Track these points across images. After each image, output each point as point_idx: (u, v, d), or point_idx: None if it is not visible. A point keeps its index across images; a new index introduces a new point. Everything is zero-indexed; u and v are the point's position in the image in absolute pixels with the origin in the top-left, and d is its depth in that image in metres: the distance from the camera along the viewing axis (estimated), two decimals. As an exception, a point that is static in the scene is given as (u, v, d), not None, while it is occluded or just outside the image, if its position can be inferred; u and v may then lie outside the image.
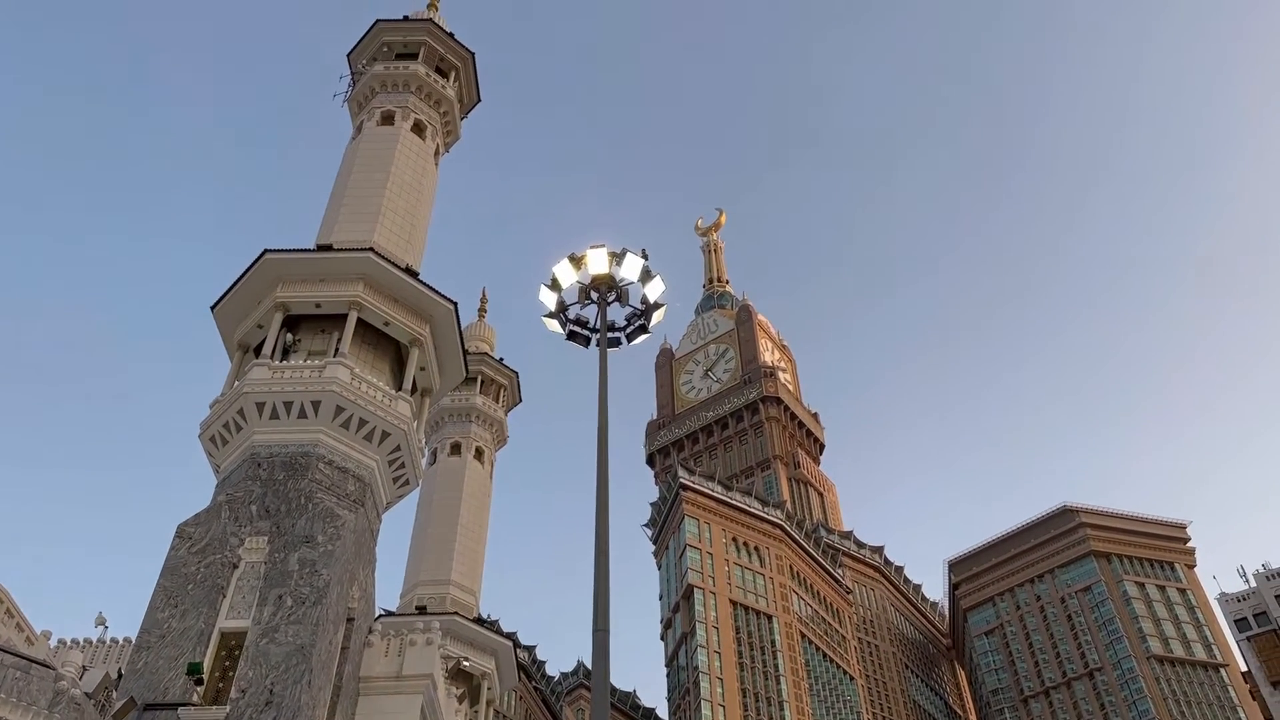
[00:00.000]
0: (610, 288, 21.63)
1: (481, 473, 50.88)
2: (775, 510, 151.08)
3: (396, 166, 38.23)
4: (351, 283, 32.64)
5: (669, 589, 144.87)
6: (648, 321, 21.85)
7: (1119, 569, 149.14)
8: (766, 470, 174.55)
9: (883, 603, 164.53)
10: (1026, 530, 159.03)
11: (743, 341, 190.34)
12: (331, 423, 29.86)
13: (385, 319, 33.06)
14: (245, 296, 33.16)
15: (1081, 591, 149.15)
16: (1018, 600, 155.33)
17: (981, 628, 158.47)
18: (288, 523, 27.53)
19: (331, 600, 26.26)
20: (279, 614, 25.36)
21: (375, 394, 30.92)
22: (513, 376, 55.12)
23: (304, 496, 28.14)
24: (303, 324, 33.03)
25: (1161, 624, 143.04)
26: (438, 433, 51.66)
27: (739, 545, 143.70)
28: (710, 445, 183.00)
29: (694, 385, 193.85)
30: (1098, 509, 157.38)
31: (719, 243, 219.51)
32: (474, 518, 48.57)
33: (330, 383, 30.01)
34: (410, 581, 46.27)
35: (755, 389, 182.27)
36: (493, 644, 42.81)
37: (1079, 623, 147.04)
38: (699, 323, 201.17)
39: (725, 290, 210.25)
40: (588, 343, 21.49)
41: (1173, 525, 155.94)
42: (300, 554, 26.74)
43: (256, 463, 29.09)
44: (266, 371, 30.56)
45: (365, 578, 29.97)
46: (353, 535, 28.38)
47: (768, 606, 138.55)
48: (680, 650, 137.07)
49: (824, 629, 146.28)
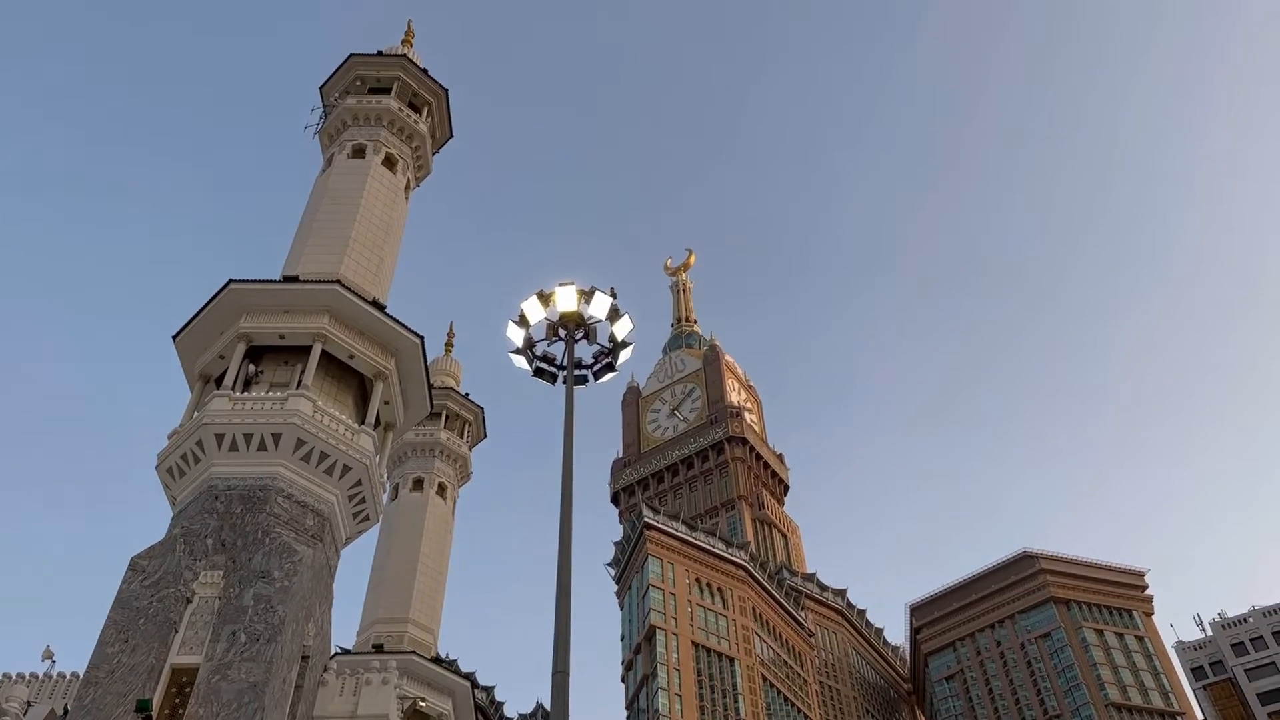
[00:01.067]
0: (578, 325, 21.67)
1: (443, 509, 50.34)
2: (739, 551, 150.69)
3: (366, 199, 38.16)
4: (317, 315, 32.39)
5: (630, 630, 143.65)
6: (615, 360, 21.89)
7: (1078, 615, 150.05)
8: (731, 511, 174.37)
9: (844, 646, 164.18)
10: (987, 575, 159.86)
11: (709, 381, 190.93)
12: (292, 456, 29.46)
13: (350, 352, 32.80)
14: (208, 326, 32.78)
15: (1041, 638, 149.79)
16: (978, 645, 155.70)
17: (942, 672, 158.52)
18: (244, 557, 27.03)
19: (286, 638, 25.75)
20: (232, 651, 24.82)
21: (337, 427, 30.59)
22: (478, 412, 54.78)
23: (261, 531, 27.68)
24: (266, 355, 32.68)
25: (1119, 671, 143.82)
26: (400, 467, 51.12)
27: (702, 586, 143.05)
28: (675, 484, 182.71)
29: (660, 424, 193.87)
30: (1057, 555, 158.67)
31: (688, 283, 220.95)
32: (435, 555, 47.96)
33: (292, 415, 29.65)
34: (368, 619, 45.49)
35: (721, 429, 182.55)
36: (450, 684, 42.07)
37: (1038, 669, 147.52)
38: (666, 362, 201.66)
39: (693, 330, 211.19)
40: (554, 380, 21.47)
41: (1131, 573, 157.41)
42: (256, 589, 26.24)
43: (214, 495, 28.61)
44: (227, 403, 30.15)
45: (322, 615, 29.44)
46: (310, 571, 27.91)
47: (730, 649, 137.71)
48: (641, 692, 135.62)
49: (785, 672, 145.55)
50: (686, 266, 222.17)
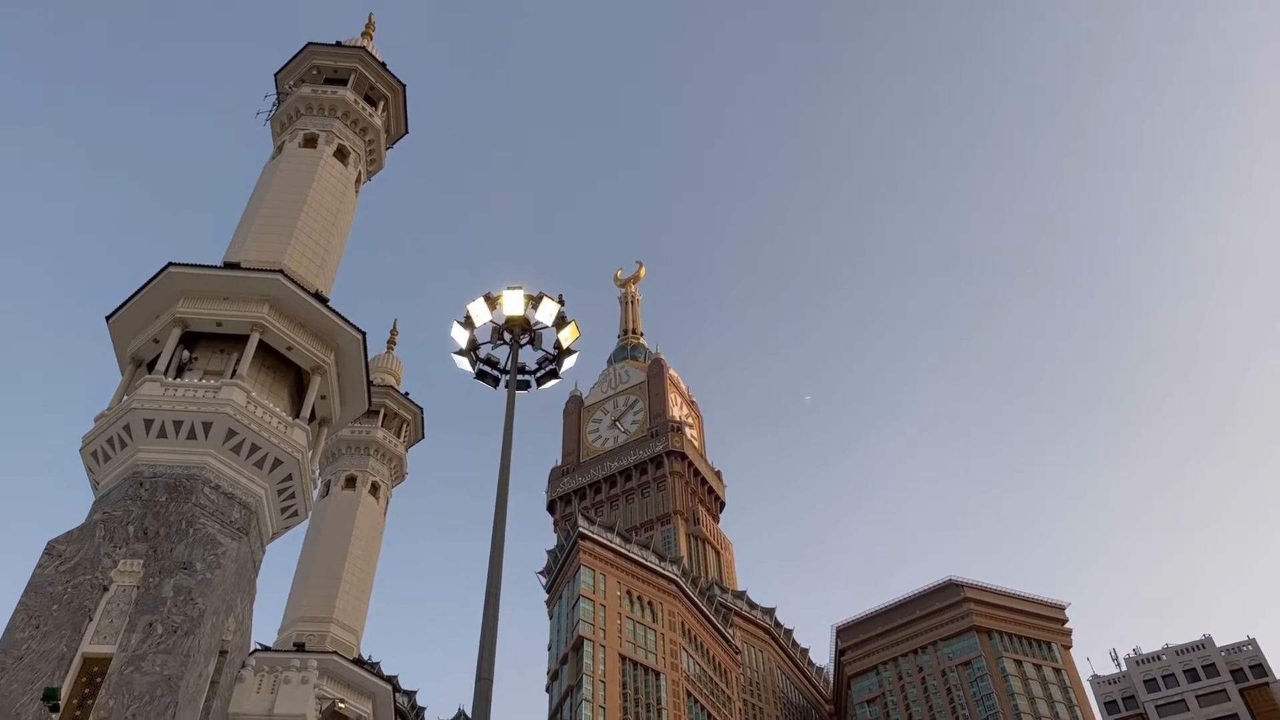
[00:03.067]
0: (524, 330, 21.59)
1: (375, 509, 49.68)
2: (672, 566, 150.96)
3: (315, 190, 37.64)
4: (256, 304, 31.83)
5: (559, 639, 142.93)
6: (559, 367, 21.85)
7: (999, 645, 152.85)
8: (666, 525, 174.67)
9: (770, 665, 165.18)
10: (913, 601, 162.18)
11: (653, 395, 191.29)
12: (222, 446, 28.86)
13: (289, 344, 32.26)
14: (143, 309, 32.02)
15: (962, 665, 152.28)
16: (900, 670, 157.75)
17: (864, 695, 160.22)
18: (166, 547, 26.38)
19: (205, 631, 25.17)
20: (148, 642, 24.18)
21: (270, 420, 30.04)
22: (417, 412, 54.23)
23: (185, 521, 27.05)
24: (201, 342, 32.02)
25: (1036, 702, 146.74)
26: (333, 464, 50.36)
27: (633, 599, 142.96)
28: (612, 496, 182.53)
29: (601, 434, 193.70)
30: (982, 585, 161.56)
31: (637, 295, 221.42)
32: (363, 555, 47.28)
33: (224, 405, 29.06)
34: (290, 617, 44.66)
35: (661, 443, 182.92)
36: (371, 687, 41.45)
37: (958, 696, 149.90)
38: (611, 373, 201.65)
39: (639, 342, 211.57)
40: (497, 383, 21.33)
41: (1052, 606, 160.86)
42: (176, 580, 25.61)
43: (139, 482, 27.90)
44: (158, 388, 29.46)
45: (243, 610, 28.83)
46: (234, 565, 27.33)
47: (657, 663, 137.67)
48: (565, 703, 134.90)
49: (710, 688, 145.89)
50: (636, 279, 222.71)
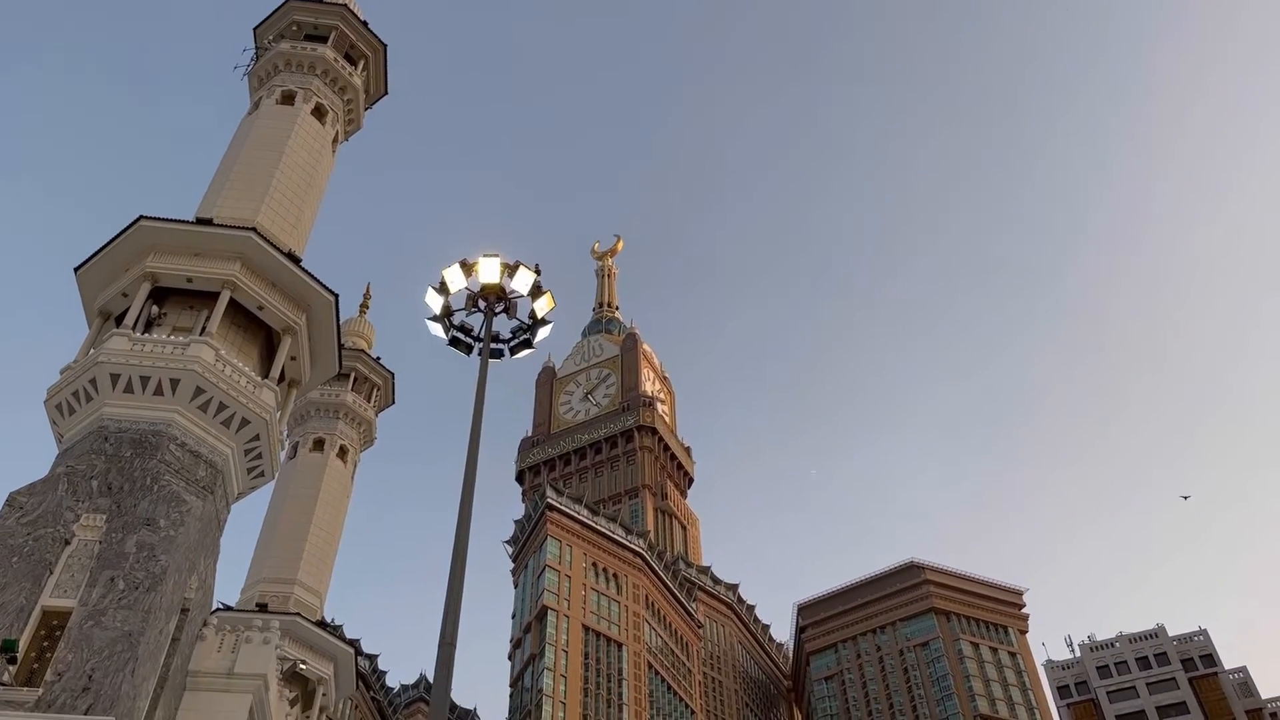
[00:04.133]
0: (499, 298, 21.47)
1: (343, 472, 49.52)
2: (638, 539, 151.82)
3: (291, 148, 37.17)
4: (228, 261, 31.50)
5: (523, 608, 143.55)
6: (533, 337, 21.78)
7: (957, 628, 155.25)
8: (634, 499, 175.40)
9: (731, 640, 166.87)
10: (874, 581, 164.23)
11: (626, 369, 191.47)
12: (189, 403, 28.62)
13: (260, 303, 31.98)
14: (113, 262, 31.61)
15: (920, 646, 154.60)
16: (859, 649, 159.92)
17: (822, 672, 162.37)
18: (129, 503, 26.19)
19: (167, 588, 25.06)
20: (109, 597, 24.04)
21: (239, 379, 29.81)
22: (388, 377, 53.99)
23: (150, 477, 26.84)
24: (171, 298, 31.67)
25: (990, 684, 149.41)
26: (301, 426, 50.09)
27: (598, 571, 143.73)
28: (581, 468, 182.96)
29: (573, 407, 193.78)
30: (942, 568, 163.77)
31: (613, 268, 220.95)
32: (329, 518, 47.16)
33: (192, 362, 28.80)
34: (254, 577, 44.54)
35: (633, 417, 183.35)
36: (333, 649, 41.50)
37: (914, 676, 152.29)
38: (584, 345, 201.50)
39: (614, 316, 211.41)
40: (469, 351, 21.24)
41: (1011, 591, 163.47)
42: (139, 536, 25.45)
43: (104, 436, 27.64)
44: (126, 342, 29.14)
45: (206, 568, 28.71)
46: (198, 523, 27.19)
47: (619, 634, 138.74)
48: (527, 671, 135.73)
49: (671, 661, 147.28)
50: (613, 252, 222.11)
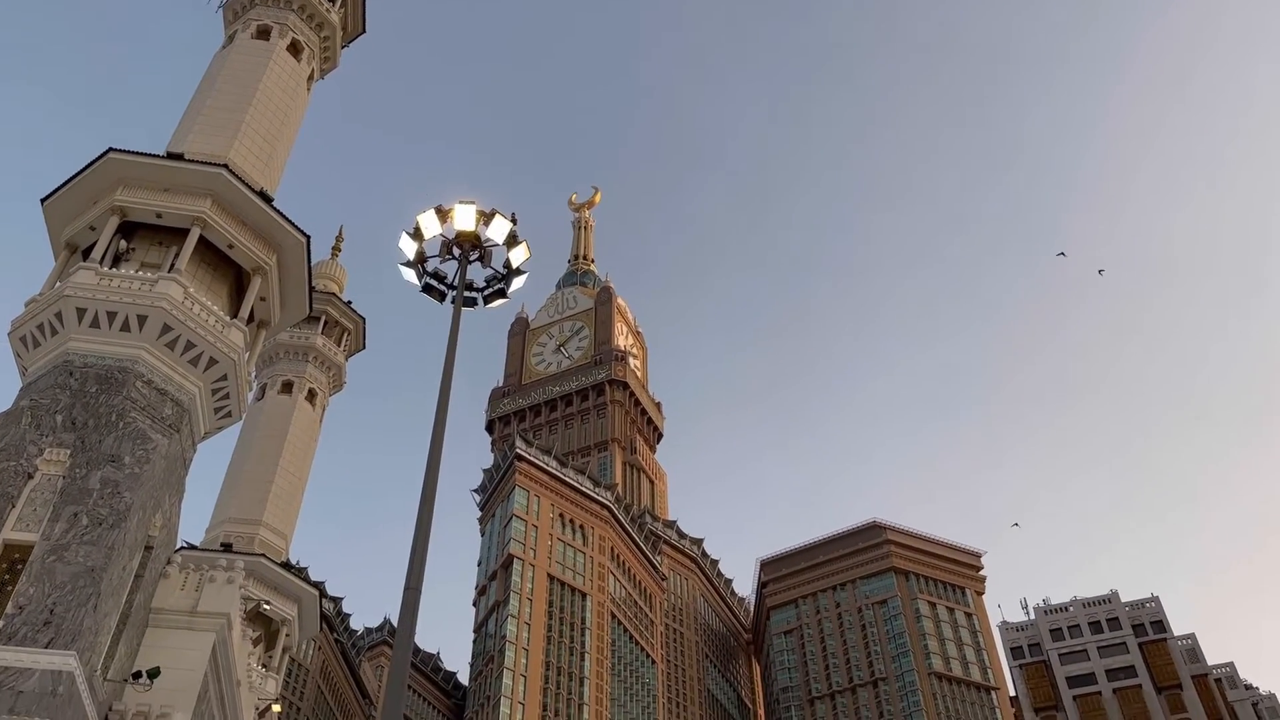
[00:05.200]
0: (474, 246, 21.29)
1: (311, 415, 49.31)
2: (606, 492, 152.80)
3: (265, 84, 36.46)
4: (199, 197, 31.01)
5: (489, 556, 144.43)
6: (507, 286, 21.64)
7: (915, 587, 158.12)
8: (603, 452, 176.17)
9: (694, 593, 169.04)
10: (836, 540, 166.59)
11: (599, 322, 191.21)
12: (156, 340, 28.31)
13: (230, 241, 31.56)
14: (81, 194, 31.03)
15: (878, 604, 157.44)
16: (819, 605, 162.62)
17: (782, 627, 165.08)
18: (94, 438, 25.98)
19: (131, 525, 24.97)
20: (72, 532, 23.94)
21: (208, 318, 29.50)
22: (359, 322, 53.60)
23: (116, 414, 26.61)
24: (139, 233, 31.19)
25: (946, 643, 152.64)
26: (270, 368, 49.73)
27: (565, 521, 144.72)
28: (551, 420, 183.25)
29: (545, 358, 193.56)
30: (904, 528, 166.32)
31: (590, 220, 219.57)
32: (296, 460, 47.04)
33: (160, 299, 28.44)
34: (219, 517, 44.45)
35: (604, 371, 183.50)
36: (297, 591, 41.62)
37: (871, 633, 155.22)
38: (559, 297, 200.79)
39: (589, 269, 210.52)
40: (443, 298, 21.10)
41: (969, 553, 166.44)
42: (104, 473, 25.29)
43: (69, 371, 27.32)
44: (93, 276, 28.71)
45: (171, 507, 28.61)
46: (163, 461, 27.04)
47: (584, 584, 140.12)
48: (491, 618, 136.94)
49: (634, 612, 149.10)
50: (591, 204, 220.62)
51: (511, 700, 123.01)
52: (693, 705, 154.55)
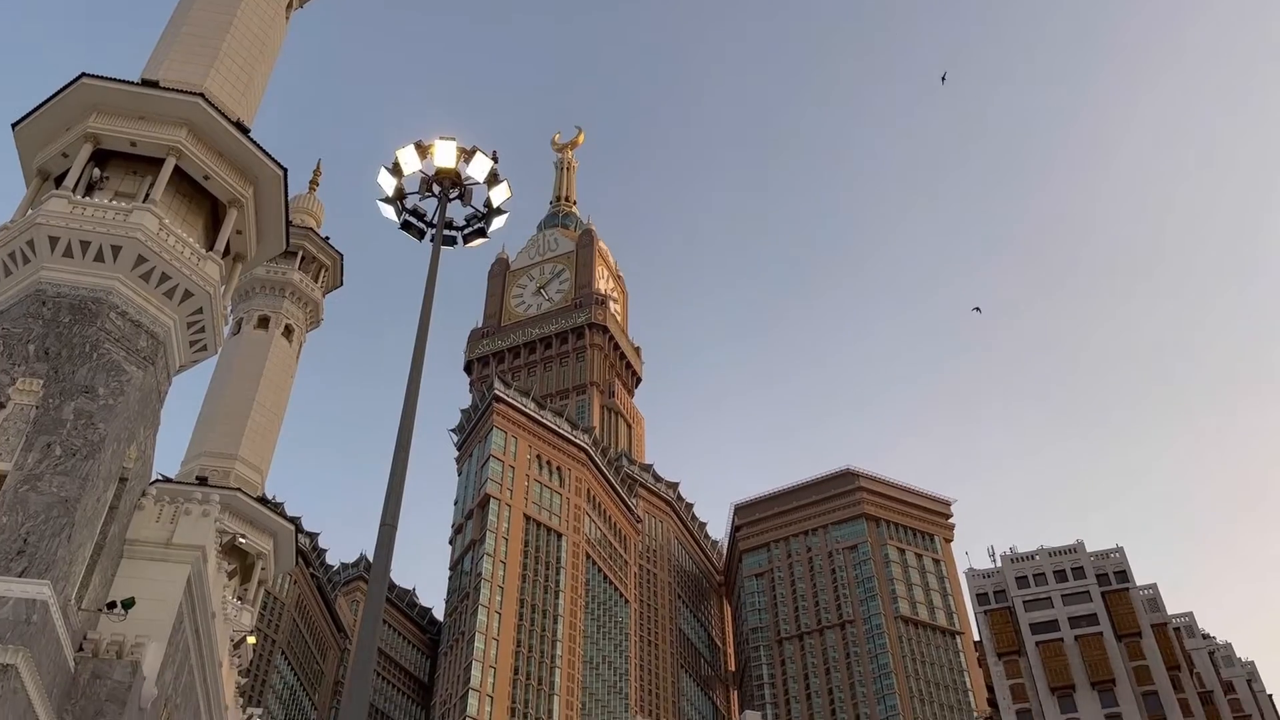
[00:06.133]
0: (454, 184, 21.01)
1: (287, 351, 49.04)
2: (583, 435, 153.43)
3: (242, 10, 35.57)
4: (174, 126, 30.42)
5: (465, 495, 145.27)
6: (487, 226, 21.41)
7: (885, 533, 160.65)
8: (582, 395, 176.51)
9: (668, 535, 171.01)
10: (809, 486, 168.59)
11: (580, 265, 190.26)
12: (130, 272, 27.97)
13: (206, 172, 31.06)
14: (53, 120, 30.40)
15: (848, 549, 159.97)
16: (790, 549, 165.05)
17: (754, 570, 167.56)
18: (68, 369, 25.76)
19: (105, 457, 24.90)
20: (45, 462, 23.84)
21: (183, 250, 29.13)
22: (336, 258, 53.10)
23: (89, 345, 26.37)
24: (113, 161, 30.63)
25: (913, 589, 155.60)
26: (246, 302, 49.30)
27: (542, 463, 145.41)
28: (530, 362, 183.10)
29: (525, 300, 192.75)
30: (876, 476, 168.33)
31: (573, 161, 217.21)
32: (272, 396, 46.87)
33: (135, 229, 28.03)
34: (194, 451, 44.36)
35: (585, 314, 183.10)
36: (273, 525, 41.76)
37: (840, 577, 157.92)
38: (540, 239, 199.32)
39: (571, 211, 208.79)
40: (422, 236, 20.88)
41: (939, 501, 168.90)
42: (77, 404, 25.13)
43: (41, 300, 26.99)
44: (66, 205, 28.24)
45: (145, 439, 28.52)
46: (138, 393, 26.89)
47: (560, 525, 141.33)
48: (466, 556, 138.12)
49: (609, 553, 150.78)
50: (574, 144, 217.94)
51: (486, 636, 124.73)
52: (664, 644, 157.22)
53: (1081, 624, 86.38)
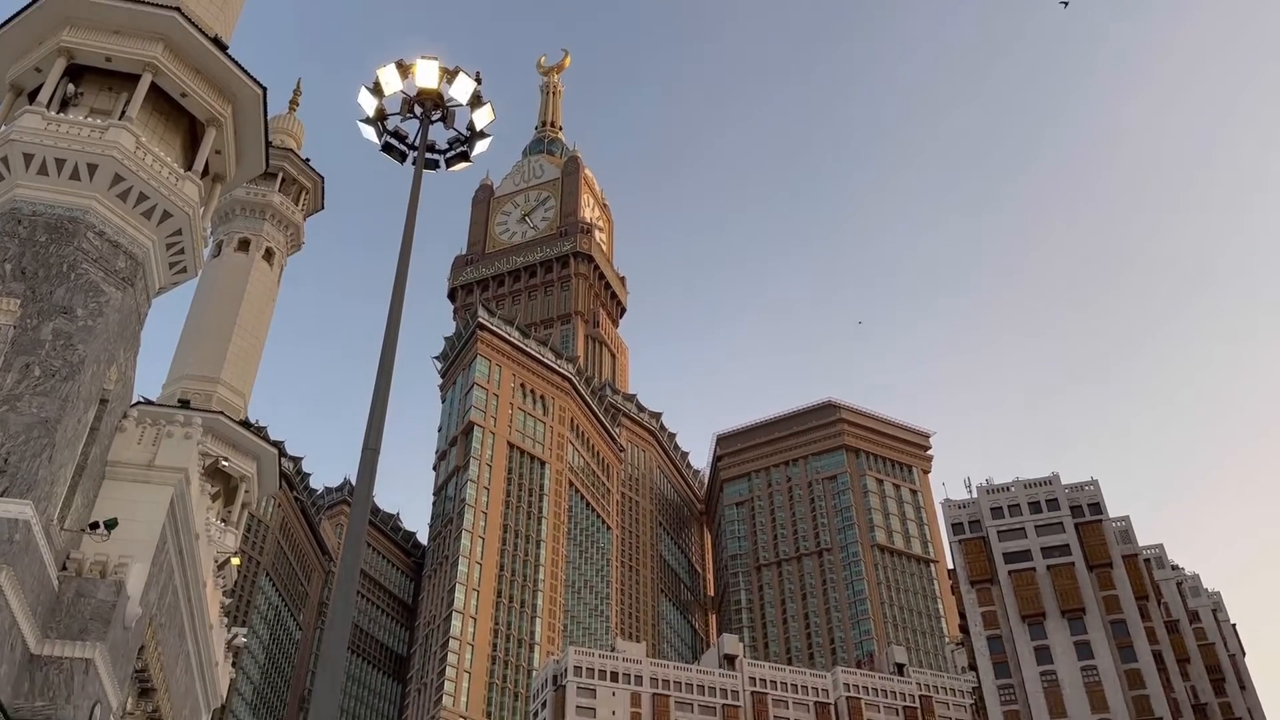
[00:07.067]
0: (436, 105, 20.61)
1: (268, 275, 48.53)
2: (567, 364, 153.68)
3: (219, -78, 34.38)
4: (150, 41, 29.62)
5: (449, 423, 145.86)
6: (470, 149, 21.07)
7: (864, 464, 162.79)
8: (566, 324, 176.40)
9: (650, 464, 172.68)
10: (791, 417, 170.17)
11: (565, 193, 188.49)
12: (108, 191, 27.49)
13: (183, 90, 30.36)
14: (25, 32, 29.54)
15: (828, 479, 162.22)
16: (771, 479, 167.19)
17: (734, 498, 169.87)
18: (45, 289, 25.46)
19: (85, 378, 24.77)
20: (24, 383, 23.70)
21: (161, 169, 28.61)
22: (317, 181, 52.26)
23: (67, 265, 26.03)
24: (88, 76, 29.90)
25: (890, 518, 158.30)
26: (226, 225, 48.63)
27: (526, 391, 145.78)
28: (514, 290, 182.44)
29: (509, 228, 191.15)
30: (857, 407, 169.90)
31: (559, 85, 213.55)
32: (253, 319, 46.50)
33: (111, 147, 27.48)
34: (175, 374, 44.10)
35: (569, 243, 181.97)
36: (256, 448, 41.74)
37: (819, 506, 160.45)
38: (524, 165, 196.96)
39: (557, 137, 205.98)
40: (403, 159, 20.55)
41: (918, 433, 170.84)
42: (56, 324, 24.90)
43: (16, 219, 26.55)
44: (40, 121, 27.62)
45: (125, 361, 28.36)
46: (117, 314, 26.66)
47: (543, 453, 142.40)
48: (450, 482, 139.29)
49: (592, 481, 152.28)
50: (560, 68, 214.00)
51: (470, 560, 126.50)
52: (645, 569, 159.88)
53: (1054, 554, 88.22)
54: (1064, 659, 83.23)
